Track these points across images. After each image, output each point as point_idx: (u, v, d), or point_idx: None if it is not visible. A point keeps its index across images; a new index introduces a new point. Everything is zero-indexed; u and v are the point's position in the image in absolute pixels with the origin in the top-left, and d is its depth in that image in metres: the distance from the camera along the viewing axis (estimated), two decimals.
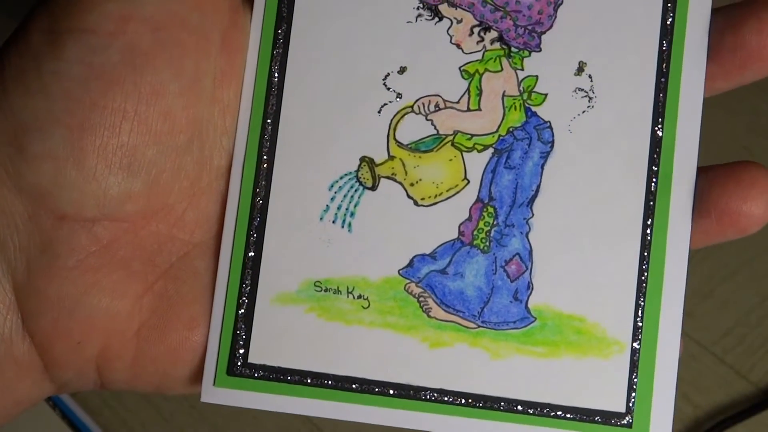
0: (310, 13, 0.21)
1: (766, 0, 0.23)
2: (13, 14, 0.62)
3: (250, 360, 0.21)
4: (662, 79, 0.21)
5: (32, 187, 0.22)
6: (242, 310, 0.21)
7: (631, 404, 0.21)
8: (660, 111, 0.21)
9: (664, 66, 0.21)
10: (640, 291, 0.21)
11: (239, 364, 0.21)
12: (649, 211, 0.21)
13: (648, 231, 0.21)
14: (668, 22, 0.21)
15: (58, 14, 0.22)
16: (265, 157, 0.21)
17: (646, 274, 0.21)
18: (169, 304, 0.23)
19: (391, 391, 0.20)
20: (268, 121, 0.21)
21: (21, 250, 0.22)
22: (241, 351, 0.21)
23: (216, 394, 0.21)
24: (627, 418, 0.21)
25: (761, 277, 0.50)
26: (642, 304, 0.21)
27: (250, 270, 0.21)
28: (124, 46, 0.21)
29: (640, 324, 0.21)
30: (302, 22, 0.21)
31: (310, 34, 0.21)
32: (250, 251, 0.21)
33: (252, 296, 0.21)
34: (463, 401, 0.20)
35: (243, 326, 0.21)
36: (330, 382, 0.21)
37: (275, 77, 0.21)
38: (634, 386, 0.21)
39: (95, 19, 0.21)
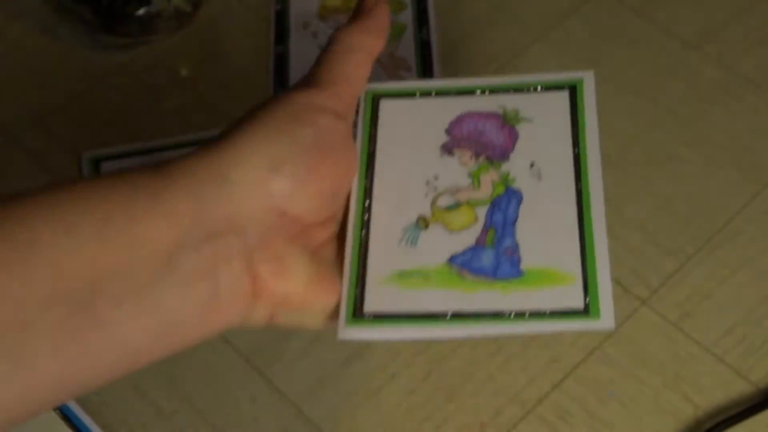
0: (386, 143, 0.39)
1: None
2: (14, 14, 0.62)
3: (365, 310, 0.36)
4: (576, 150, 0.38)
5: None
6: (357, 291, 0.36)
7: (586, 301, 0.35)
8: (578, 174, 0.38)
9: (576, 153, 0.38)
10: (581, 233, 0.36)
11: (359, 312, 0.35)
12: (580, 208, 0.37)
13: (581, 213, 0.37)
14: (576, 133, 0.39)
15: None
16: (366, 216, 0.38)
17: (583, 230, 0.36)
18: (318, 274, 0.36)
19: (449, 317, 0.35)
20: (366, 203, 0.38)
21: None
22: (360, 303, 0.36)
23: (347, 332, 0.35)
24: (584, 308, 0.35)
25: (761, 277, 0.50)
26: (582, 241, 0.36)
27: (362, 268, 0.37)
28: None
29: (585, 259, 0.36)
30: (383, 145, 0.39)
31: (386, 157, 0.39)
32: (361, 262, 0.37)
33: (363, 280, 0.36)
34: (490, 316, 0.35)
35: (359, 296, 0.36)
36: (408, 318, 0.35)
37: (368, 185, 0.39)
38: (588, 292, 0.35)
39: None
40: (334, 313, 0.36)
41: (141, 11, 0.56)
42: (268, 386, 0.47)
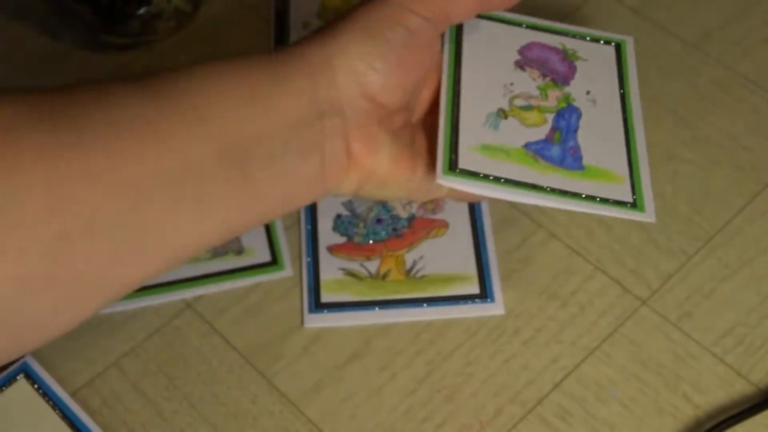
0: (470, 50, 0.45)
1: None
2: (14, 14, 0.62)
3: (460, 166, 0.41)
4: (621, 90, 0.46)
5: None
6: (452, 150, 0.42)
7: (634, 197, 0.43)
8: (623, 107, 0.46)
9: (622, 92, 0.46)
10: (628, 149, 0.44)
11: (454, 166, 0.41)
12: (626, 129, 0.45)
13: (627, 134, 0.45)
14: (621, 78, 0.47)
15: None
16: (454, 105, 0.43)
17: (629, 140, 0.45)
18: (399, 153, 0.42)
19: (527, 185, 0.42)
20: (456, 88, 0.44)
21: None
22: (455, 160, 0.41)
23: (443, 178, 0.41)
24: (632, 203, 0.42)
25: (761, 277, 0.50)
26: (629, 155, 0.44)
27: (455, 136, 0.42)
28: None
29: (631, 166, 0.44)
30: (468, 51, 0.45)
31: (470, 59, 0.45)
32: (454, 132, 0.43)
33: (456, 144, 0.42)
34: (559, 192, 0.42)
35: (454, 154, 0.42)
36: (495, 180, 0.42)
37: (457, 79, 0.44)
38: (634, 189, 0.43)
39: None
40: (419, 180, 0.43)
41: (141, 11, 0.56)
42: (268, 386, 0.47)
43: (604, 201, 0.42)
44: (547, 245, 0.51)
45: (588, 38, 0.48)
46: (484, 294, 0.49)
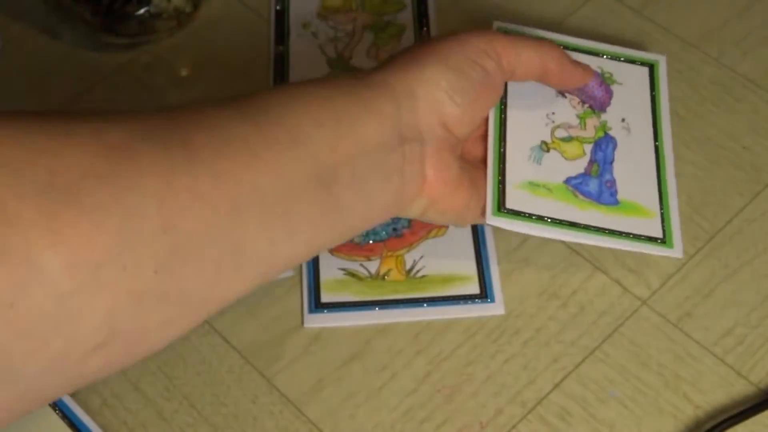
0: (516, 91, 0.48)
1: None
2: (14, 14, 0.62)
3: (507, 206, 0.45)
4: (654, 120, 0.50)
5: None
6: (500, 190, 0.45)
7: (663, 233, 0.46)
8: (655, 134, 0.50)
9: (654, 117, 0.50)
10: (659, 181, 0.48)
11: (502, 207, 0.45)
12: (658, 161, 0.49)
13: (658, 166, 0.48)
14: (653, 102, 0.50)
15: None
16: (501, 139, 0.47)
17: (660, 172, 0.48)
18: (461, 180, 0.44)
19: (567, 224, 0.46)
20: (502, 117, 0.47)
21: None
22: (503, 200, 0.45)
23: (493, 219, 0.45)
24: (662, 239, 0.46)
25: (761, 277, 0.50)
26: (660, 192, 0.47)
27: (502, 174, 0.46)
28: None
29: (662, 201, 0.47)
30: (512, 91, 0.48)
31: (516, 92, 0.48)
32: (501, 169, 0.46)
33: (503, 183, 0.46)
34: (595, 229, 0.46)
35: (501, 194, 0.45)
36: (538, 219, 0.45)
37: (503, 118, 0.47)
38: (664, 225, 0.47)
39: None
40: (473, 208, 0.45)
41: (141, 11, 0.56)
42: (268, 386, 0.47)
43: (637, 237, 0.46)
44: (547, 245, 0.51)
45: (623, 59, 0.51)
46: (484, 294, 0.49)
